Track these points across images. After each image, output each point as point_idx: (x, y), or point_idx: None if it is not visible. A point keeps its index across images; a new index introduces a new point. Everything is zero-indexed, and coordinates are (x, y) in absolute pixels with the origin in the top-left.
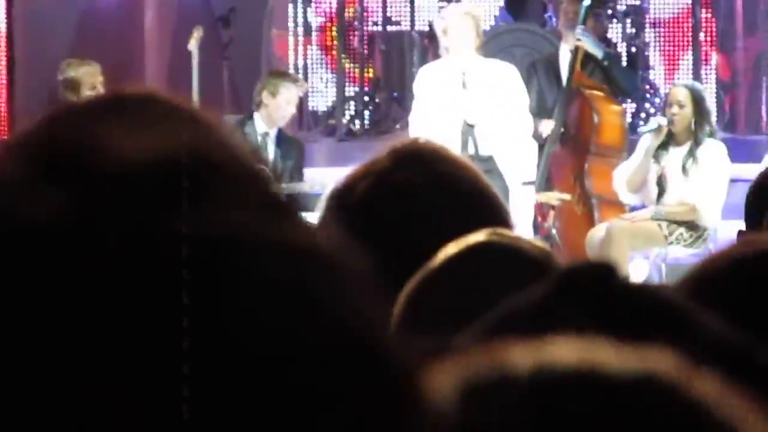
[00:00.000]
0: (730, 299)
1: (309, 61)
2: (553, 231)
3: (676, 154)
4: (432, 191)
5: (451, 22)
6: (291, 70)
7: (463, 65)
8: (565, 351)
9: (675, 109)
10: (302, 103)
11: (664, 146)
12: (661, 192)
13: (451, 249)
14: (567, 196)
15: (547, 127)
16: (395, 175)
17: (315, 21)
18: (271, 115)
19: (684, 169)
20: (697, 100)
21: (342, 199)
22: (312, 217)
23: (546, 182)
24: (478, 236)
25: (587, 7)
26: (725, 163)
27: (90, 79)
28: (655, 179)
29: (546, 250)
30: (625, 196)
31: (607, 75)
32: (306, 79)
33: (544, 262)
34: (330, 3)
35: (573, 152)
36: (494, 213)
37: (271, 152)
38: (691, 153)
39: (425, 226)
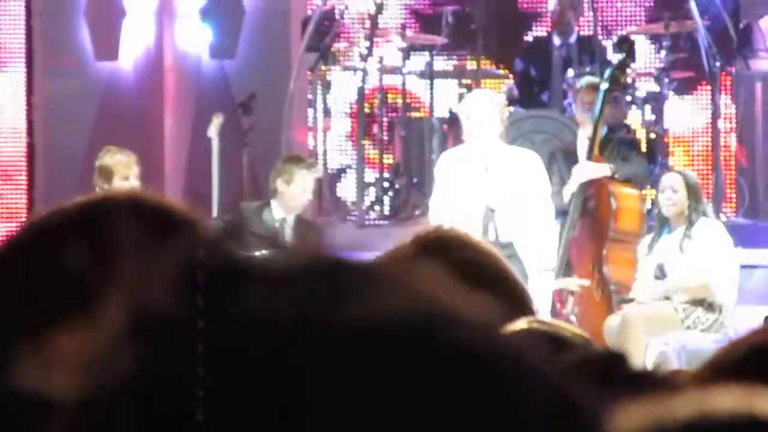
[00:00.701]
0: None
1: (328, 147)
2: (572, 317)
3: (671, 240)
4: (457, 279)
5: (476, 108)
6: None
7: (485, 150)
8: (725, 399)
9: (668, 193)
10: (322, 188)
11: (656, 238)
12: (663, 279)
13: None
14: (586, 282)
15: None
16: (416, 262)
17: (335, 107)
18: (287, 203)
19: (681, 249)
20: (690, 184)
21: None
22: None
23: (565, 268)
24: (519, 324)
25: (604, 92)
26: (724, 238)
27: (123, 170)
28: (652, 272)
29: (585, 337)
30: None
31: (624, 161)
32: (325, 165)
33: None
34: (350, 90)
35: (591, 238)
36: (519, 299)
37: (288, 237)
38: (687, 234)
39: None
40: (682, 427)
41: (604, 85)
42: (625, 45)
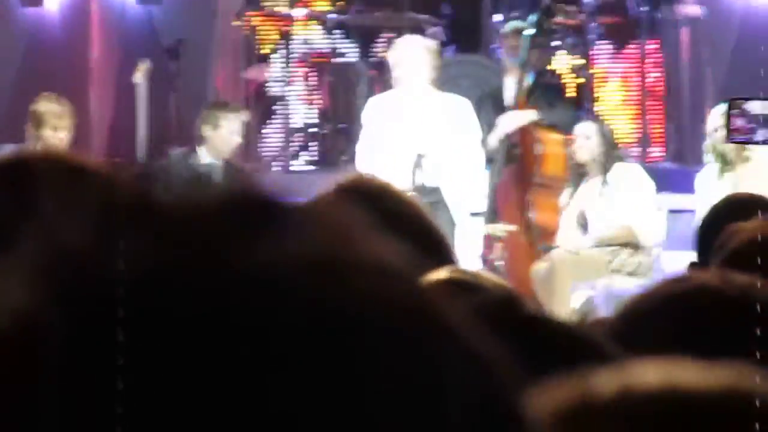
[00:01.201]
0: (658, 335)
1: (255, 93)
2: (500, 263)
3: (589, 187)
4: (376, 223)
5: (406, 54)
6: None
7: (414, 96)
8: (647, 373)
9: (581, 141)
10: (249, 134)
11: (573, 186)
12: (585, 225)
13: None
14: (512, 227)
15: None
16: (339, 209)
17: (262, 53)
18: (216, 148)
19: (600, 195)
20: (602, 131)
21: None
22: None
23: (492, 214)
24: (440, 274)
25: (529, 37)
26: (643, 180)
27: (54, 120)
28: (574, 220)
29: (506, 287)
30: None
31: (550, 107)
32: (253, 111)
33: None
34: (276, 36)
35: (517, 184)
36: (441, 249)
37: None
38: (604, 180)
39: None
40: (606, 404)
41: (529, 31)
42: None
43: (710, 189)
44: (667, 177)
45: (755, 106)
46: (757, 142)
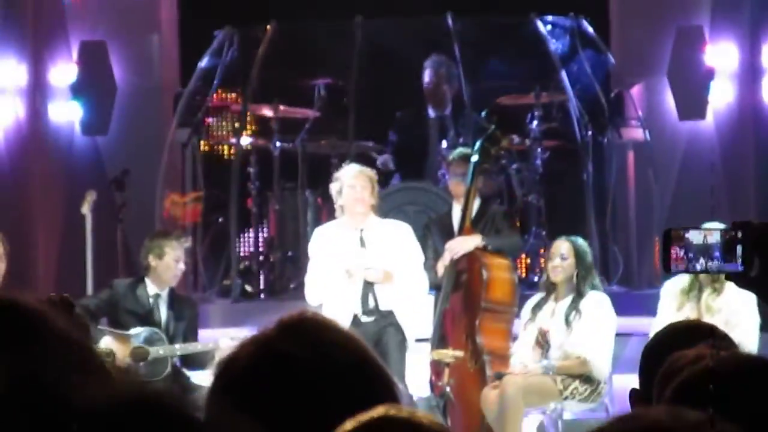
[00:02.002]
0: None
1: (202, 221)
2: (448, 389)
3: (558, 309)
4: (316, 363)
5: (346, 182)
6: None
7: (358, 224)
8: None
9: (557, 261)
10: (196, 263)
11: (540, 305)
12: (546, 348)
13: (349, 425)
14: (460, 354)
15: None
16: (279, 347)
17: (209, 181)
18: (162, 276)
19: (567, 322)
20: (580, 253)
21: (228, 368)
22: (205, 377)
23: (440, 340)
24: (377, 411)
25: (475, 164)
26: (611, 315)
27: None
28: (533, 339)
29: (441, 424)
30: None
31: (497, 233)
32: (200, 239)
33: None
34: (223, 165)
35: (465, 309)
36: (381, 385)
37: (163, 313)
38: (575, 305)
39: (310, 398)
40: None
41: (474, 158)
42: (494, 117)
43: (674, 305)
44: (613, 300)
45: (693, 236)
46: (696, 272)
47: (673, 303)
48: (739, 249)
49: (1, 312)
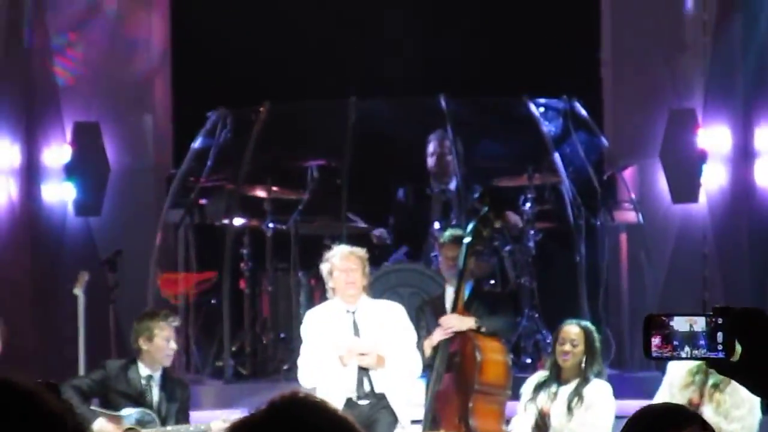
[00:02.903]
0: None
1: (194, 303)
2: None
3: (561, 393)
4: None
5: (337, 263)
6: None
7: (350, 306)
8: None
9: (567, 347)
10: (188, 344)
11: (544, 384)
12: (545, 429)
13: None
14: None
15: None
16: (270, 429)
17: (201, 263)
18: (154, 357)
19: (569, 408)
20: (589, 338)
21: None
22: None
23: (432, 421)
24: None
25: (467, 245)
26: (611, 404)
27: None
28: (533, 419)
29: None
30: None
31: (490, 315)
32: (192, 322)
33: None
34: (215, 246)
35: (457, 391)
36: None
37: (155, 395)
38: (578, 392)
39: None
40: None
41: (467, 239)
42: (486, 198)
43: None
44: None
45: (678, 323)
46: (681, 358)
47: (680, 381)
48: (720, 335)
49: None
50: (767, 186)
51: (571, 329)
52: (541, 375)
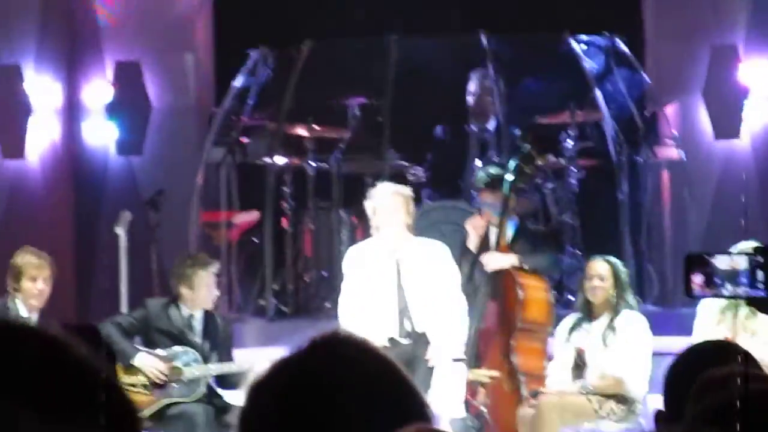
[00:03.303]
0: None
1: (237, 241)
2: (483, 408)
3: (594, 329)
4: (348, 383)
5: (381, 201)
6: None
7: (394, 244)
8: None
9: (596, 282)
10: (231, 282)
11: (577, 324)
12: (582, 367)
13: None
14: (495, 374)
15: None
16: (311, 367)
17: (244, 201)
18: (195, 302)
19: (604, 342)
20: (617, 273)
21: (259, 389)
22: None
23: (475, 359)
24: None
25: (510, 183)
26: (647, 334)
27: (32, 270)
28: (571, 359)
29: None
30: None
31: (532, 252)
32: (235, 259)
33: None
34: (258, 184)
35: (500, 329)
36: (413, 406)
37: (197, 333)
38: (611, 325)
39: (341, 418)
40: None
41: (510, 177)
42: (529, 136)
43: (712, 321)
44: (648, 319)
45: (719, 261)
46: (723, 296)
47: (711, 319)
48: (760, 274)
49: (20, 341)
50: None
51: (598, 265)
52: (573, 317)
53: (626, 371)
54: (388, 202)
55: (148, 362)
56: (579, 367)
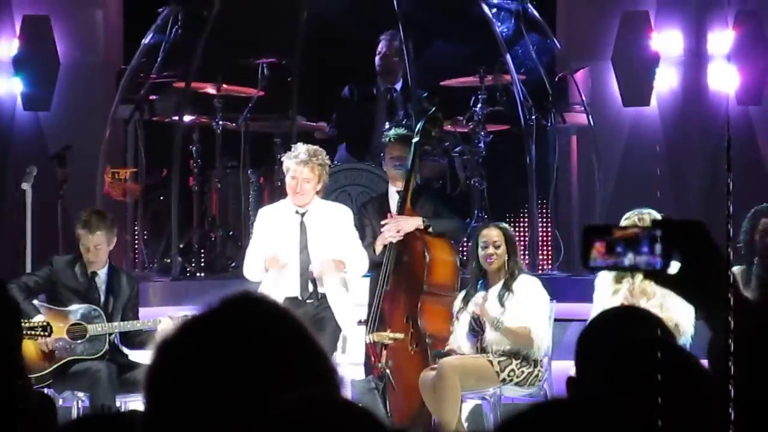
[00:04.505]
0: None
1: (141, 200)
2: (387, 371)
3: (490, 294)
4: (256, 342)
5: (293, 168)
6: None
7: (300, 209)
8: None
9: (491, 249)
10: (135, 241)
11: (471, 293)
12: (480, 332)
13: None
14: (400, 336)
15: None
16: (220, 325)
17: (150, 159)
18: (96, 261)
19: (501, 303)
20: (509, 238)
21: (169, 347)
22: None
23: (379, 321)
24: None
25: (415, 144)
26: (543, 293)
27: None
28: (468, 325)
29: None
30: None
31: (437, 216)
32: (140, 218)
33: None
34: (165, 142)
35: (405, 291)
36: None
37: (102, 290)
38: (507, 286)
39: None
40: None
41: (415, 138)
42: (435, 98)
43: (609, 290)
44: (555, 285)
45: (618, 233)
46: (622, 267)
47: (608, 288)
48: (658, 247)
49: None
50: (718, 90)
51: (492, 232)
52: (464, 289)
53: (529, 323)
54: (298, 171)
55: (51, 322)
56: (477, 333)
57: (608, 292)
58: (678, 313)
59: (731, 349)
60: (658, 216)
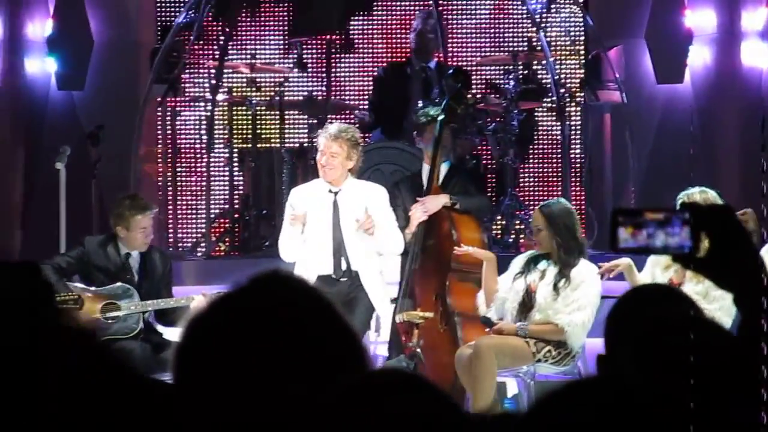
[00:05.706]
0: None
1: (177, 179)
2: (418, 350)
3: (549, 272)
4: (285, 321)
5: (321, 144)
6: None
7: (333, 187)
8: None
9: (535, 233)
10: (169, 221)
11: (535, 261)
12: (529, 307)
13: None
14: (429, 314)
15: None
16: (249, 303)
17: (184, 139)
18: (131, 244)
19: (556, 289)
20: (552, 219)
21: (198, 325)
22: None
23: (409, 300)
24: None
25: (441, 122)
26: (597, 288)
27: None
28: (519, 295)
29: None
30: (482, 310)
31: (466, 194)
32: (174, 196)
33: None
34: (198, 122)
35: (434, 270)
36: (348, 344)
37: (135, 269)
38: (563, 273)
39: (278, 355)
40: None
41: (440, 116)
42: (460, 76)
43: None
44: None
45: (649, 214)
46: (653, 249)
47: (663, 261)
48: (686, 231)
49: None
50: (752, 66)
51: (534, 215)
52: (531, 253)
53: (569, 323)
54: (326, 147)
55: (85, 302)
56: (525, 305)
57: (662, 263)
58: (719, 307)
59: (765, 330)
60: (719, 200)
